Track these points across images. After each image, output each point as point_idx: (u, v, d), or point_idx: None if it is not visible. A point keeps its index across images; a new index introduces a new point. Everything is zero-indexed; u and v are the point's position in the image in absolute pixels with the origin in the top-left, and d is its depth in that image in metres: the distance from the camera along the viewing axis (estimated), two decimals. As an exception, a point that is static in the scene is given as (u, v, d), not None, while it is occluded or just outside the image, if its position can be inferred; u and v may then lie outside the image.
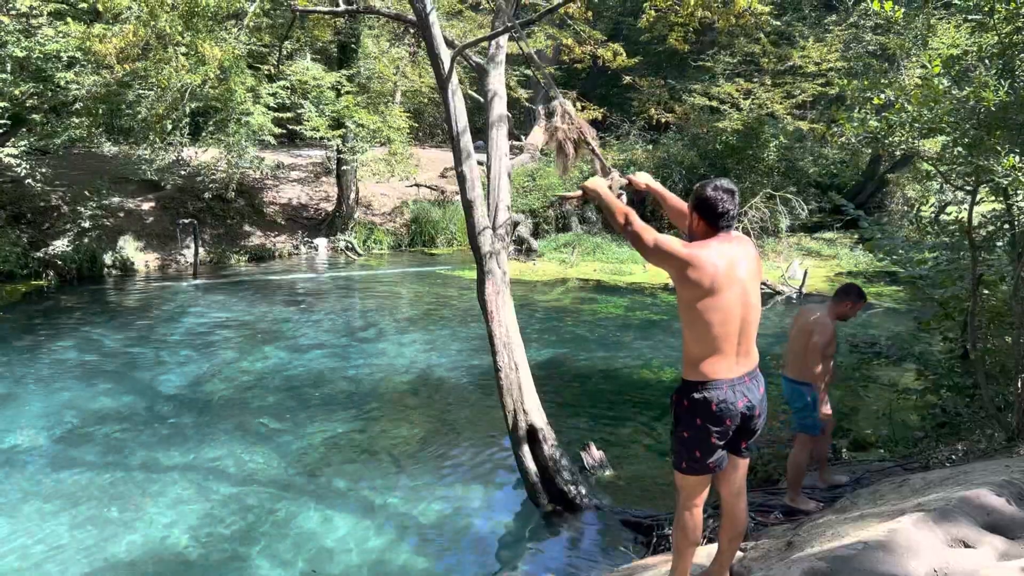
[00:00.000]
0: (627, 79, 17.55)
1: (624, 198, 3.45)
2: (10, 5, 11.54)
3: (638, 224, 3.08)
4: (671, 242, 3.03)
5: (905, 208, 20.24)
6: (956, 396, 6.20)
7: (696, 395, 3.03)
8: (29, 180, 13.73)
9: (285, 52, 15.99)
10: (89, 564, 5.18)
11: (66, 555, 5.29)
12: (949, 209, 11.82)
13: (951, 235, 6.14)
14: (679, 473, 3.19)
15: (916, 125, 4.72)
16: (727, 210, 3.07)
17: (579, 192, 3.42)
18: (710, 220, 3.10)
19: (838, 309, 4.98)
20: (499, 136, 6.58)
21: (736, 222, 3.15)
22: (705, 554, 3.63)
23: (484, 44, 6.94)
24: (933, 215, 11.54)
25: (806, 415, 4.92)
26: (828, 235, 18.67)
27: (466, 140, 6.27)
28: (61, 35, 12.06)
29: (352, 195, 18.64)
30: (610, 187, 3.41)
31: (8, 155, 13.32)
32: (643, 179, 3.69)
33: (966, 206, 5.66)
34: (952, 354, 6.78)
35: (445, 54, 6.16)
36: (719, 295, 2.98)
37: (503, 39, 6.75)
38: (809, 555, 2.79)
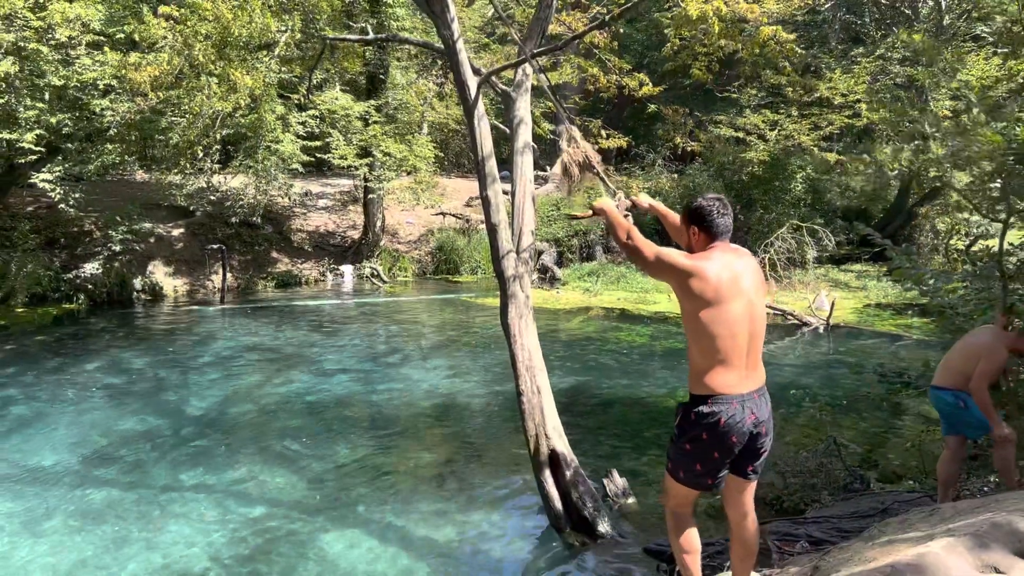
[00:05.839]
0: (652, 107, 17.64)
1: (630, 219, 3.53)
2: (49, 35, 11.87)
3: (639, 239, 3.12)
4: (672, 254, 3.04)
5: (935, 242, 20.03)
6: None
7: (704, 409, 2.98)
8: (62, 205, 14.01)
9: (315, 82, 16.28)
10: (110, 582, 5.20)
11: (88, 572, 5.31)
12: (980, 243, 11.67)
13: (981, 260, 6.06)
14: (673, 481, 3.14)
15: (953, 158, 4.69)
16: (722, 215, 3.10)
17: (590, 212, 3.55)
18: (707, 227, 3.12)
19: (1018, 342, 4.85)
20: (524, 162, 6.61)
21: (731, 232, 3.16)
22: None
23: (510, 72, 7.02)
24: (966, 246, 11.39)
25: (966, 420, 4.84)
26: (856, 267, 18.49)
27: (491, 165, 6.31)
28: (98, 64, 12.38)
29: (378, 223, 18.83)
30: (616, 207, 3.51)
31: (44, 180, 13.62)
32: (645, 200, 3.80)
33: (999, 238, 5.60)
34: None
35: (471, 81, 6.23)
36: (723, 306, 2.95)
37: (528, 66, 6.82)
38: (835, 579, 2.73)
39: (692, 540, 3.17)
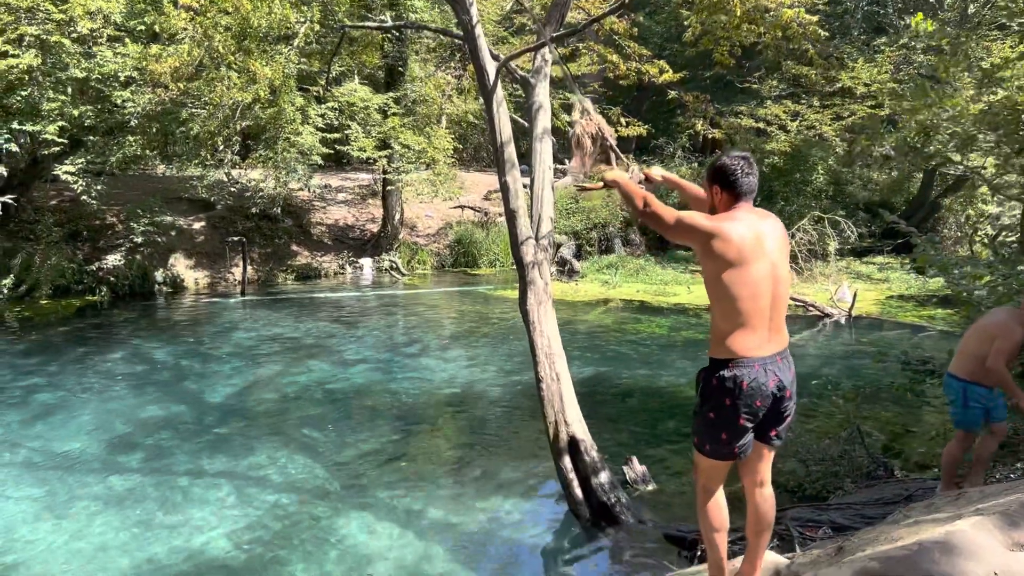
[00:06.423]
0: (672, 93, 17.51)
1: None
2: (71, 28, 11.97)
3: (656, 205, 3.05)
4: (694, 216, 2.99)
5: (958, 234, 19.79)
6: (1013, 416, 5.97)
7: (726, 373, 2.91)
8: (85, 197, 14.14)
9: (333, 75, 16.30)
10: (133, 565, 5.23)
11: (111, 556, 5.35)
12: (1004, 235, 11.48)
13: (1005, 247, 5.97)
14: (700, 455, 3.09)
15: (955, 131, 4.62)
16: (747, 174, 3.03)
17: (600, 184, 3.49)
18: (731, 187, 3.05)
19: None
20: (543, 148, 6.59)
21: (756, 193, 3.10)
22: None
23: (529, 60, 6.99)
24: (992, 237, 11.24)
25: (956, 410, 4.88)
26: (878, 259, 18.29)
27: (510, 151, 6.29)
28: (119, 56, 12.47)
29: (397, 216, 18.86)
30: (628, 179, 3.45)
31: (66, 172, 13.75)
32: (659, 172, 3.73)
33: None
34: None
35: (490, 65, 6.21)
36: (746, 267, 2.89)
37: (547, 52, 6.78)
38: (861, 557, 2.69)
39: (721, 517, 3.11)
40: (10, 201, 13.46)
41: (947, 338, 11.38)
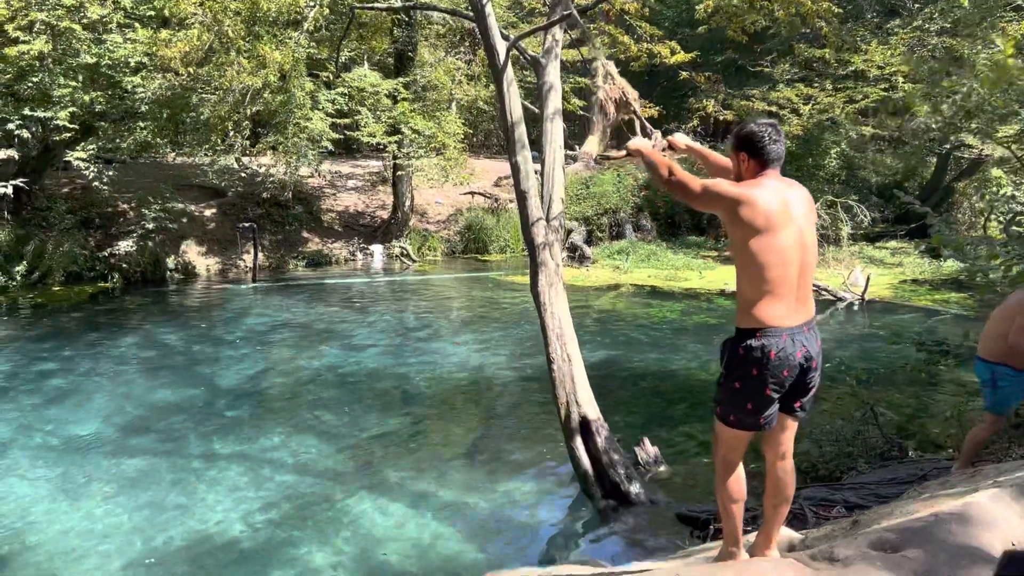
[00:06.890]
0: (684, 74, 17.35)
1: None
2: (82, 14, 11.96)
3: (681, 174, 2.99)
4: (720, 183, 2.94)
5: (972, 219, 19.62)
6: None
7: (753, 343, 2.87)
8: (96, 184, 14.16)
9: (343, 61, 16.24)
10: (147, 545, 5.26)
11: (125, 536, 5.38)
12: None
13: (1021, 226, 5.90)
14: (723, 426, 3.04)
15: (991, 107, 4.55)
16: (774, 142, 2.97)
17: (623, 152, 3.41)
18: (758, 154, 2.98)
19: None
20: (554, 129, 6.55)
21: (782, 161, 3.04)
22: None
23: (539, 44, 6.94)
24: (1006, 221, 11.12)
25: (987, 392, 4.84)
26: (891, 244, 18.16)
27: (520, 131, 6.26)
28: (129, 41, 12.46)
29: (407, 202, 18.83)
30: (652, 147, 3.37)
31: (78, 158, 13.78)
32: (683, 140, 3.64)
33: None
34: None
35: (500, 45, 6.17)
36: (774, 234, 2.84)
37: (558, 32, 6.74)
38: (877, 529, 2.66)
39: (740, 488, 3.08)
40: (23, 184, 13.48)
41: (961, 321, 11.30)
